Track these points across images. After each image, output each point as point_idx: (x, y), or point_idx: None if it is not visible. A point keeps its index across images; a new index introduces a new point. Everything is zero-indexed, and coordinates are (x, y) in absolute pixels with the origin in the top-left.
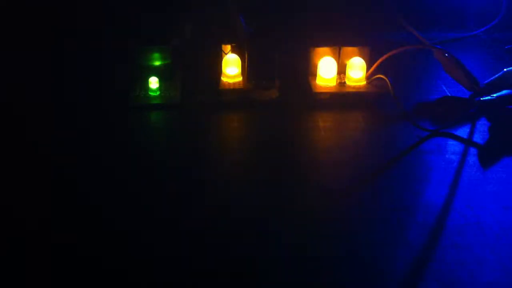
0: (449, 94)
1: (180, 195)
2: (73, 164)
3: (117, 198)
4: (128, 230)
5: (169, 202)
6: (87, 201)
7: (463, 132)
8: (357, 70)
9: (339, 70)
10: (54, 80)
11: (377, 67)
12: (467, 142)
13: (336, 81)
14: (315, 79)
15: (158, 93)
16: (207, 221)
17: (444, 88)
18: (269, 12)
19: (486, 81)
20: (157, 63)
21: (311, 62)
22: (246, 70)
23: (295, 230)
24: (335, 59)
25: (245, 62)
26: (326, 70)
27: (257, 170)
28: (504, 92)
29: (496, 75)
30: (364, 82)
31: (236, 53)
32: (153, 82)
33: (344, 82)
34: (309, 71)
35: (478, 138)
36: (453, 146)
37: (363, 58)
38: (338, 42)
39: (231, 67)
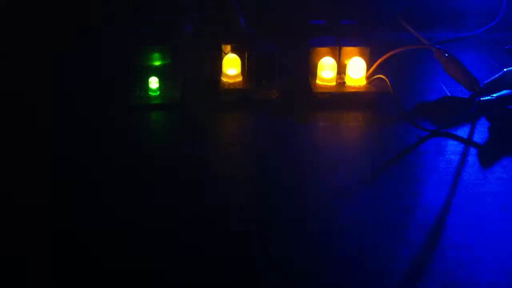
0: (449, 94)
1: (179, 195)
2: (72, 164)
3: (116, 198)
4: (128, 229)
5: (169, 202)
6: (86, 200)
7: (463, 132)
8: (357, 70)
9: (339, 70)
10: (54, 80)
11: (377, 67)
12: (467, 142)
13: (336, 81)
14: (315, 79)
15: (158, 93)
16: (206, 221)
17: (444, 88)
18: (269, 12)
19: (486, 81)
20: (157, 63)
21: (311, 62)
22: (246, 70)
23: (295, 230)
24: (335, 59)
25: (245, 62)
26: (326, 70)
27: (257, 170)
28: (504, 92)
29: (496, 75)
30: (364, 82)
31: (236, 53)
32: (153, 82)
33: (344, 82)
34: (309, 71)
35: (478, 138)
36: (453, 146)
37: (363, 58)
38: (338, 42)
39: (231, 67)
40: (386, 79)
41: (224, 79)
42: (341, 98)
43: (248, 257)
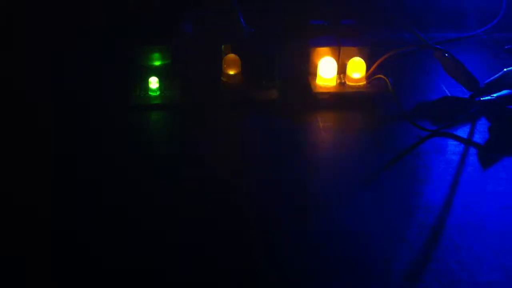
0: (449, 94)
1: (180, 194)
2: (73, 163)
3: (116, 198)
4: (128, 229)
5: (169, 202)
6: (86, 200)
7: (463, 132)
8: (357, 70)
9: (339, 70)
10: (54, 80)
11: (377, 67)
12: (467, 142)
13: (336, 81)
14: (315, 79)
15: (158, 93)
16: (206, 221)
17: (444, 88)
18: (269, 12)
19: (486, 81)
20: (157, 63)
21: (311, 62)
22: (246, 70)
23: (295, 230)
24: (335, 59)
25: (245, 62)
26: (326, 70)
27: (257, 170)
28: (504, 92)
29: (496, 75)
30: (364, 82)
31: (236, 53)
32: (153, 82)
33: (344, 82)
34: (309, 71)
35: (478, 138)
36: (453, 146)
37: (363, 58)
38: (338, 42)
39: (231, 67)
40: (386, 79)
41: (224, 79)
42: (341, 98)
43: (248, 257)
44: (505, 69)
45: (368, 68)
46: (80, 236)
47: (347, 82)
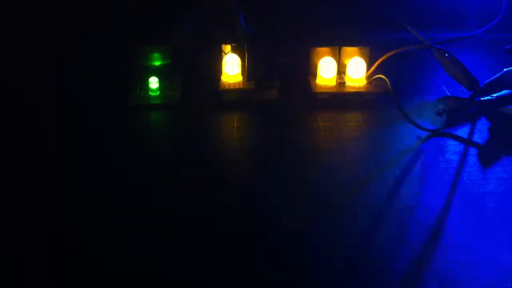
0: (449, 94)
1: (179, 195)
2: (73, 164)
3: (116, 198)
4: (128, 229)
5: (169, 202)
6: (86, 200)
7: (463, 132)
8: (357, 70)
9: (339, 70)
10: (54, 80)
11: (377, 67)
12: (467, 142)
13: (336, 81)
14: (315, 79)
15: (158, 93)
16: (206, 221)
17: (444, 88)
18: (269, 12)
19: (486, 81)
20: (157, 63)
21: (311, 62)
22: (246, 70)
23: (295, 230)
24: (335, 59)
25: (245, 62)
26: (326, 70)
27: (257, 170)
28: (504, 92)
29: (496, 75)
30: (364, 82)
31: (236, 53)
32: (153, 82)
33: (344, 82)
34: (309, 71)
35: (478, 138)
36: (453, 146)
37: (363, 58)
38: (338, 42)
39: (231, 67)
40: (386, 79)
41: (224, 79)
42: (341, 98)
43: (248, 257)
44: (505, 69)
45: (368, 68)
46: (80, 236)
47: (347, 82)
